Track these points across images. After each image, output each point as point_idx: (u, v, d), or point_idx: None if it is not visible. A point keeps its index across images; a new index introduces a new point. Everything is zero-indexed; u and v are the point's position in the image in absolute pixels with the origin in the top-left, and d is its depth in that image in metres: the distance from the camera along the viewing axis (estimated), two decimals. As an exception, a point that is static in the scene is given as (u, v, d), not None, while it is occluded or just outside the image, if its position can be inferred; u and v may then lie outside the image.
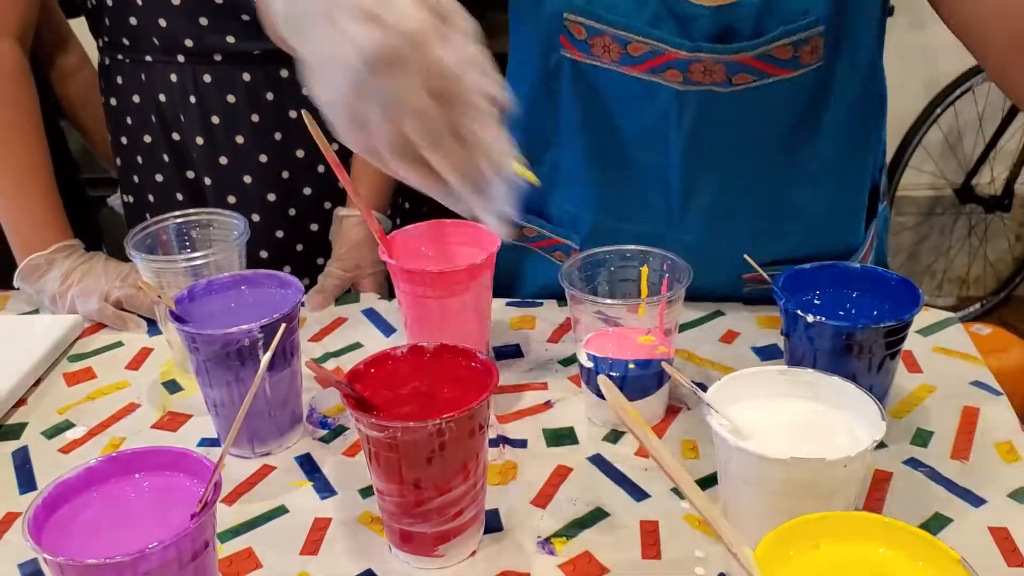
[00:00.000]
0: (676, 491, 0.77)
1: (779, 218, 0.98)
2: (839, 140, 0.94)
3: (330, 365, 0.96)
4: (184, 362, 0.95)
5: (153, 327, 1.03)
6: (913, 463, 0.79)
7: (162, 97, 1.12)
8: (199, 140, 1.13)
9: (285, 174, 1.17)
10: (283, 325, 0.74)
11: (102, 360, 0.99)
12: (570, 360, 0.95)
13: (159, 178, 1.18)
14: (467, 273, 0.87)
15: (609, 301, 0.83)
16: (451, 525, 0.69)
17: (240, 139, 1.13)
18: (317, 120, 0.86)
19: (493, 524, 0.75)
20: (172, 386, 0.94)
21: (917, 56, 2.58)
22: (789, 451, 0.60)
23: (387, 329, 1.02)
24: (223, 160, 1.15)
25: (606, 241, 1.01)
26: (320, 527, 0.75)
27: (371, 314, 1.05)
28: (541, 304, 1.06)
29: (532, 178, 0.68)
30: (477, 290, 0.89)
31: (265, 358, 0.59)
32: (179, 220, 0.95)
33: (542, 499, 0.77)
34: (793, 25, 0.85)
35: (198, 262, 0.90)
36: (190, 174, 1.16)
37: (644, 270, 0.86)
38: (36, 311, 1.08)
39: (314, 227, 1.20)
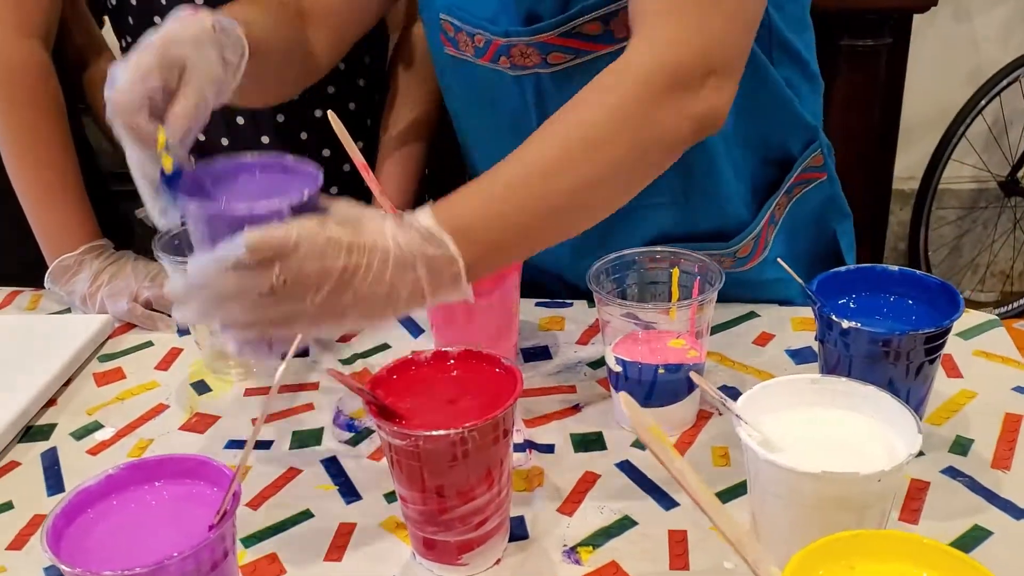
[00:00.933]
0: (706, 500, 0.76)
1: (648, 194, 0.88)
2: None
3: (358, 366, 0.96)
4: (212, 362, 0.95)
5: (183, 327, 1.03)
6: (952, 472, 0.77)
7: None
8: (224, 141, 1.12)
9: None
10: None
11: (132, 360, 0.99)
12: (599, 363, 0.93)
13: None
14: (494, 277, 0.85)
15: (639, 305, 0.81)
16: (475, 534, 0.68)
17: (265, 139, 1.12)
18: (343, 120, 0.86)
19: (518, 532, 0.73)
20: (200, 387, 0.94)
21: (961, 47, 2.53)
22: (821, 464, 0.58)
23: (416, 330, 1.01)
24: None
25: None
26: (344, 532, 0.74)
27: (399, 314, 1.04)
28: (571, 304, 1.05)
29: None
30: (504, 292, 0.88)
31: (280, 370, 0.58)
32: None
33: (569, 506, 0.76)
34: (591, 1, 0.83)
35: (225, 263, 0.89)
36: None
37: (675, 272, 0.85)
38: (67, 310, 1.08)
39: None
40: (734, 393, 0.87)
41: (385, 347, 0.99)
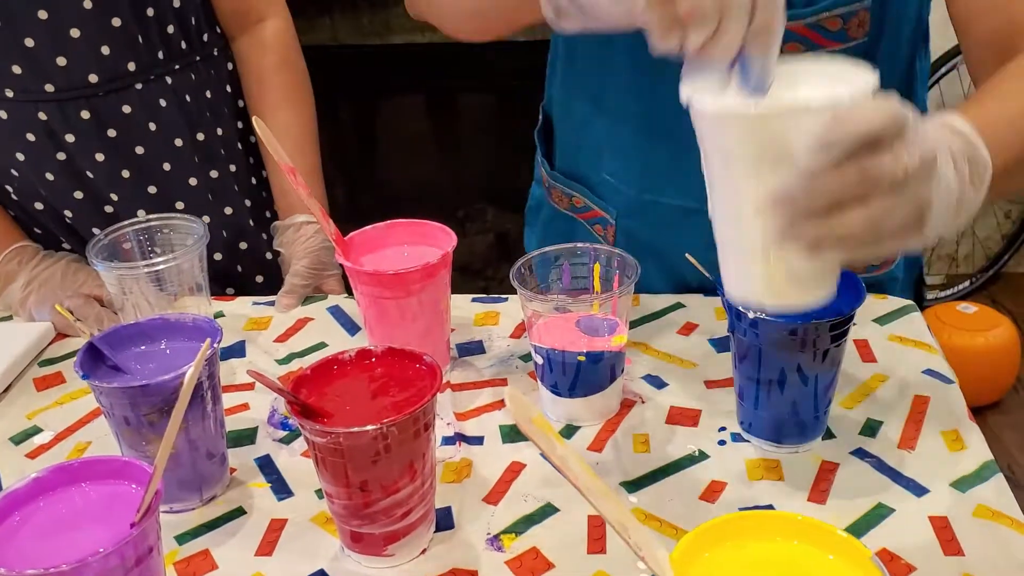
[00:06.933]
0: (624, 485, 0.79)
1: None
2: None
3: (295, 365, 0.98)
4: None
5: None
6: (860, 453, 0.80)
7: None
8: (139, 148, 1.13)
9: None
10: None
11: (72, 364, 1.00)
12: (530, 355, 0.96)
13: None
14: (423, 272, 0.88)
15: (561, 297, 0.84)
16: (399, 525, 0.71)
17: (167, 166, 1.13)
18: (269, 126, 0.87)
19: (445, 522, 0.76)
20: (139, 389, 0.96)
21: (902, 35, 2.57)
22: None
23: (352, 328, 1.03)
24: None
25: (642, 214, 1.02)
26: (276, 528, 0.77)
27: (336, 312, 1.07)
28: (506, 299, 1.07)
29: None
30: (434, 289, 0.90)
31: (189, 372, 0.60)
32: (139, 226, 0.96)
33: (495, 496, 0.79)
34: None
35: (159, 267, 0.91)
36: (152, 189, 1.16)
37: (596, 267, 0.88)
38: (9, 317, 1.09)
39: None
40: (657, 381, 0.91)
41: (322, 345, 1.01)
